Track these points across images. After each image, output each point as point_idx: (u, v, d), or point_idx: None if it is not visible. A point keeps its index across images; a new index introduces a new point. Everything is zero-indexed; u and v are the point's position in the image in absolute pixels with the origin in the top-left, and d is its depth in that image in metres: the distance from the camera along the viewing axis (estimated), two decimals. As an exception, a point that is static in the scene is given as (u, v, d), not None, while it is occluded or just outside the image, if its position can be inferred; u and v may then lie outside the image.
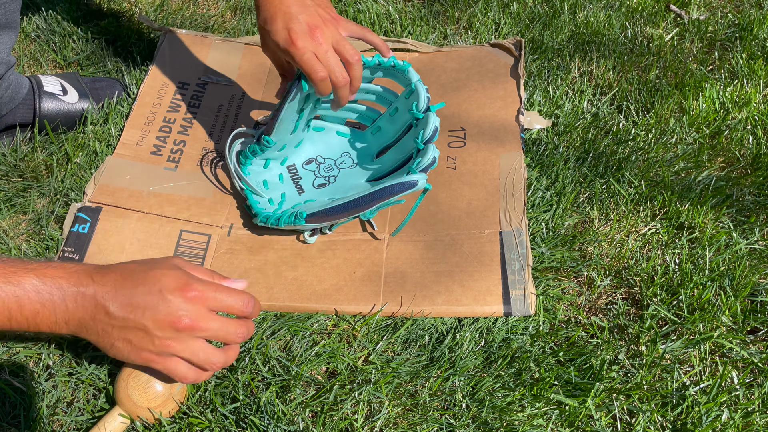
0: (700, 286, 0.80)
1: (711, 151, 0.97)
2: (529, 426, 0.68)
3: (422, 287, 0.80)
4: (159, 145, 0.96)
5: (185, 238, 0.85)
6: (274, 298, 0.80)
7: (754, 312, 0.78)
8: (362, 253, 0.84)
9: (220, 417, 0.69)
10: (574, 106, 1.02)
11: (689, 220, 0.87)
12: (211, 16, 1.20)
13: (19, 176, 0.91)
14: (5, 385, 0.70)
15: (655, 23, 1.19)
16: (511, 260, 0.82)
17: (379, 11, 1.18)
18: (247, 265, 0.83)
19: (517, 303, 0.78)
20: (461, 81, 1.05)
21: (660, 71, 1.09)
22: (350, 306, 0.79)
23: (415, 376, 0.73)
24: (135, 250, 0.83)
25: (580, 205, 0.89)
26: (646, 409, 0.70)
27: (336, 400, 0.71)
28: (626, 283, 0.82)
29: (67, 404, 0.70)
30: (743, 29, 1.17)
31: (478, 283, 0.80)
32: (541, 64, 1.09)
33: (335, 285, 0.81)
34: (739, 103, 1.03)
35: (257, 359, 0.73)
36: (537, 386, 0.71)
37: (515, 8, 1.20)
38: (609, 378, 0.72)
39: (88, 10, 1.19)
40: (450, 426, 0.69)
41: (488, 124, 0.98)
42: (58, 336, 0.72)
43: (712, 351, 0.76)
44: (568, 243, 0.85)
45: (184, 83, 1.04)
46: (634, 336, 0.77)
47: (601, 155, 0.95)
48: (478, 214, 0.87)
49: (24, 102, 0.93)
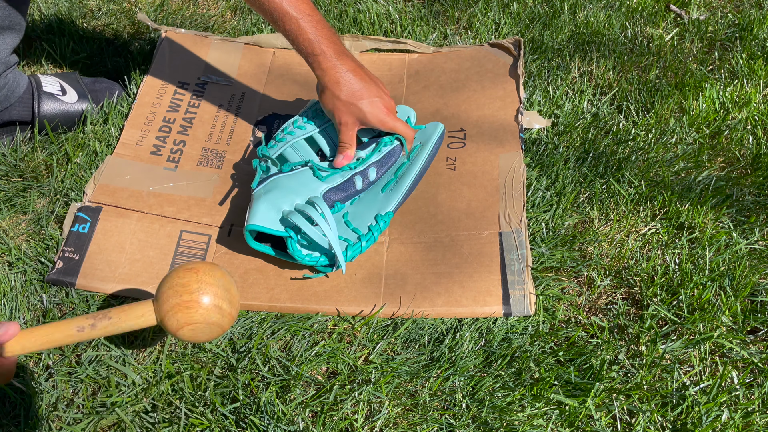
0: (700, 286, 0.80)
1: (711, 151, 0.97)
2: (529, 426, 0.68)
3: (422, 288, 0.80)
4: (159, 145, 0.96)
5: (185, 239, 0.85)
6: (275, 299, 0.80)
7: (754, 312, 0.78)
8: (362, 255, 0.84)
9: (220, 417, 0.69)
10: (574, 106, 1.02)
11: (689, 220, 0.87)
12: (211, 16, 1.20)
13: (19, 176, 0.91)
14: (5, 385, 0.70)
15: (655, 23, 1.19)
16: (511, 261, 0.82)
17: (379, 11, 1.18)
18: (248, 266, 0.83)
19: (517, 303, 0.78)
20: (461, 81, 1.05)
21: (660, 71, 1.09)
22: (350, 307, 0.79)
23: (415, 376, 0.73)
24: (135, 249, 0.83)
25: (580, 205, 0.89)
26: (646, 409, 0.70)
27: (336, 400, 0.71)
28: (626, 283, 0.82)
29: (67, 404, 0.70)
30: (743, 29, 1.17)
31: (478, 284, 0.80)
32: (541, 64, 1.09)
33: (336, 286, 0.81)
34: (739, 103, 1.03)
35: (257, 359, 0.73)
36: (537, 386, 0.71)
37: (515, 8, 1.20)
38: (609, 378, 0.72)
39: (88, 10, 1.19)
40: (450, 426, 0.69)
41: (487, 124, 0.98)
42: None
43: (712, 351, 0.76)
44: (568, 243, 0.85)
45: (184, 83, 1.04)
46: (634, 336, 0.77)
47: (601, 155, 0.95)
48: (478, 215, 0.87)
49: (21, 100, 0.93)
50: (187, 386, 0.71)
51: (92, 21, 1.17)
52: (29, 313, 0.77)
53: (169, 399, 0.70)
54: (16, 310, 0.77)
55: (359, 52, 1.11)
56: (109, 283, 0.80)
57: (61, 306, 0.79)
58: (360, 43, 1.11)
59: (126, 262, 0.82)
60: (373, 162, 0.87)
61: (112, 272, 0.81)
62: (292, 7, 0.79)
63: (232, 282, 0.68)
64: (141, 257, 0.83)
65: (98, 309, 0.78)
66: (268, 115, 1.02)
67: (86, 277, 0.80)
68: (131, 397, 0.70)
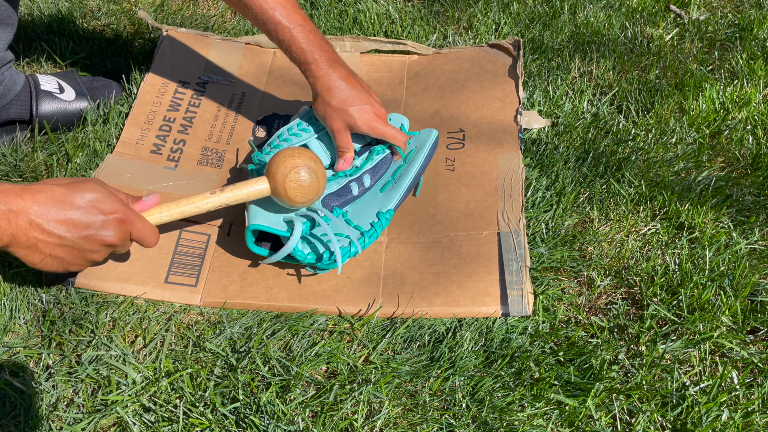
0: (700, 286, 0.80)
1: (711, 151, 0.97)
2: (529, 426, 0.68)
3: (420, 288, 0.80)
4: (159, 144, 0.96)
5: (185, 237, 0.85)
6: (273, 298, 0.80)
7: (754, 312, 0.78)
8: (361, 255, 0.84)
9: (220, 417, 0.69)
10: (574, 106, 1.02)
11: (689, 220, 0.87)
12: (211, 16, 1.20)
13: (19, 176, 0.91)
14: (5, 385, 0.70)
15: (655, 23, 1.19)
16: (509, 261, 0.82)
17: (379, 11, 1.18)
18: (247, 265, 0.83)
19: (515, 303, 0.78)
20: (460, 82, 1.05)
21: (660, 71, 1.09)
22: (349, 307, 0.79)
23: (415, 376, 0.73)
24: (135, 248, 0.83)
25: (580, 205, 0.89)
26: (646, 409, 0.70)
27: (336, 400, 0.71)
28: (626, 283, 0.82)
29: (67, 403, 0.70)
30: (743, 29, 1.17)
31: (476, 284, 0.80)
32: (541, 64, 1.09)
33: (334, 286, 0.81)
34: (739, 103, 1.03)
35: (257, 359, 0.73)
36: (537, 386, 0.71)
37: (515, 8, 1.20)
38: (609, 378, 0.72)
39: (88, 10, 1.19)
40: (450, 426, 0.69)
41: (486, 125, 0.98)
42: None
43: (712, 351, 0.76)
44: (568, 243, 0.85)
45: (185, 82, 1.04)
46: (634, 336, 0.77)
47: (601, 155, 0.95)
48: (476, 216, 0.87)
49: (18, 98, 0.93)
50: (187, 386, 0.71)
51: (92, 21, 1.17)
52: (29, 313, 0.77)
53: (168, 398, 0.70)
54: (16, 310, 0.77)
55: (360, 53, 1.11)
56: (108, 282, 0.80)
57: (60, 305, 0.79)
58: (360, 44, 1.11)
59: (125, 261, 0.82)
60: (367, 169, 0.88)
61: (111, 271, 0.81)
62: (285, 17, 0.82)
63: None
64: (140, 256, 0.83)
65: (97, 310, 0.78)
66: (268, 115, 1.02)
67: (85, 275, 0.80)
68: (131, 396, 0.70)
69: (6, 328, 0.76)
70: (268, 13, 0.82)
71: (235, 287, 0.81)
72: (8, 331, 0.76)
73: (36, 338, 0.75)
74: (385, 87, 1.06)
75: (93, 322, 0.76)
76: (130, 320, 0.77)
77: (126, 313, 0.77)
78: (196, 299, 0.80)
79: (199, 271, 0.82)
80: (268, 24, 0.83)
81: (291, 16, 0.83)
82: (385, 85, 1.06)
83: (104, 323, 0.76)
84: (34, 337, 0.75)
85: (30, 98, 0.94)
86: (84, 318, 0.76)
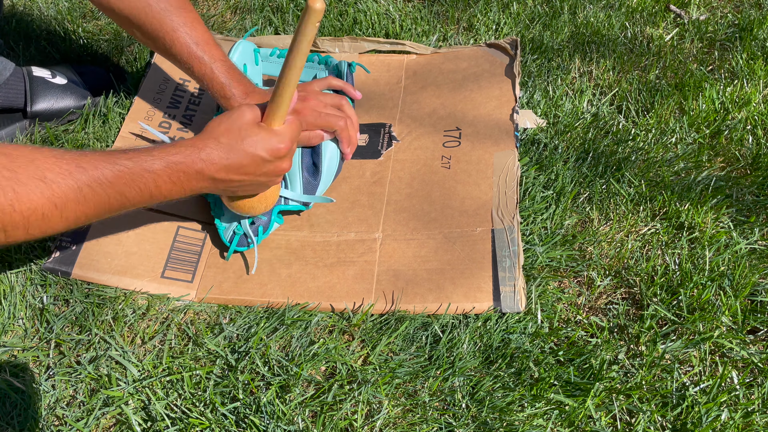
0: (700, 286, 0.80)
1: (711, 151, 0.97)
2: (529, 426, 0.68)
3: (414, 284, 0.81)
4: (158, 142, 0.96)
5: (182, 234, 0.86)
6: (268, 295, 0.80)
7: (754, 312, 0.78)
8: (355, 252, 0.84)
9: (220, 417, 0.69)
10: (574, 106, 1.02)
11: (689, 220, 0.87)
12: (211, 16, 1.20)
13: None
14: (5, 385, 0.70)
15: (655, 23, 1.19)
16: (503, 257, 0.82)
17: (379, 11, 1.18)
18: (241, 263, 0.84)
19: (507, 299, 0.78)
20: (458, 82, 1.05)
21: (660, 71, 1.09)
22: (343, 303, 0.79)
23: (414, 376, 0.73)
24: (132, 242, 0.84)
25: (580, 205, 0.89)
26: (646, 409, 0.70)
27: (335, 400, 0.71)
28: (626, 283, 0.82)
29: (67, 402, 0.70)
30: (743, 29, 1.17)
31: (469, 280, 0.80)
32: (541, 64, 1.09)
33: (328, 282, 0.81)
34: (739, 103, 1.03)
35: (257, 359, 0.73)
36: (537, 386, 0.71)
37: (515, 8, 1.20)
38: (609, 378, 0.72)
39: (88, 10, 1.19)
40: (450, 426, 0.69)
41: (483, 123, 0.98)
42: None
43: (712, 351, 0.76)
44: (568, 243, 0.85)
45: (185, 80, 1.05)
46: (634, 336, 0.77)
47: (600, 155, 0.95)
48: (471, 213, 0.87)
49: (8, 84, 0.94)
50: (187, 386, 0.71)
51: (92, 21, 1.17)
52: (28, 311, 0.77)
53: (168, 398, 0.70)
54: (16, 310, 0.77)
55: (358, 54, 1.11)
56: (105, 274, 0.81)
57: (59, 305, 0.79)
58: (359, 44, 1.11)
59: (122, 255, 0.82)
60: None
61: (108, 263, 0.81)
62: (207, 53, 0.84)
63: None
64: (137, 250, 0.83)
65: (97, 309, 0.78)
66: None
67: (82, 267, 0.81)
68: (131, 392, 0.70)
69: (5, 328, 0.76)
70: (187, 48, 0.84)
71: (230, 284, 0.82)
72: (8, 331, 0.76)
73: (35, 338, 0.75)
74: (383, 86, 1.06)
75: (93, 322, 0.76)
76: (129, 320, 0.77)
77: (125, 313, 0.77)
78: (191, 294, 0.81)
79: (195, 267, 0.83)
80: (188, 60, 0.85)
81: (213, 53, 0.85)
82: (383, 85, 1.07)
83: (105, 321, 0.76)
84: (34, 337, 0.75)
85: (24, 83, 0.95)
86: (83, 317, 0.76)
